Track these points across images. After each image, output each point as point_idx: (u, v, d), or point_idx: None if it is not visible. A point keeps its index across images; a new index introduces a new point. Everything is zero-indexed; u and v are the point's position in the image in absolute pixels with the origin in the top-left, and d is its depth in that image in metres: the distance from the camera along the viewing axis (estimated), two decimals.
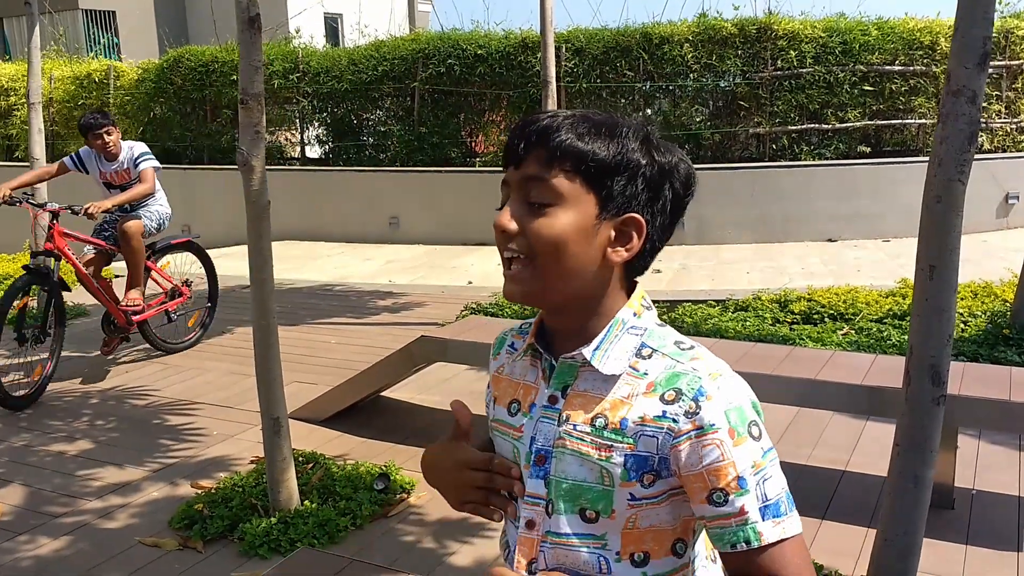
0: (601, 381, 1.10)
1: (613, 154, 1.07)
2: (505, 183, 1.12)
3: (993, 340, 5.21)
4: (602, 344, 1.10)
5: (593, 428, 1.09)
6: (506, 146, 1.11)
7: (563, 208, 1.06)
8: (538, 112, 1.12)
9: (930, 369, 2.40)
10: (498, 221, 1.09)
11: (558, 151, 1.06)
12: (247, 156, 3.09)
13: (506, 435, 1.17)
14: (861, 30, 10.25)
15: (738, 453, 1.03)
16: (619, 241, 1.10)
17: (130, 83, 12.67)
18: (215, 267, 6.40)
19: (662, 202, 1.11)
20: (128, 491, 3.79)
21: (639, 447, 1.06)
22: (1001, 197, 10.00)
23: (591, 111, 1.12)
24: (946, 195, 2.31)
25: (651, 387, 1.07)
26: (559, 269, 1.08)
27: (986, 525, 3.30)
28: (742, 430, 1.03)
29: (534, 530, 1.12)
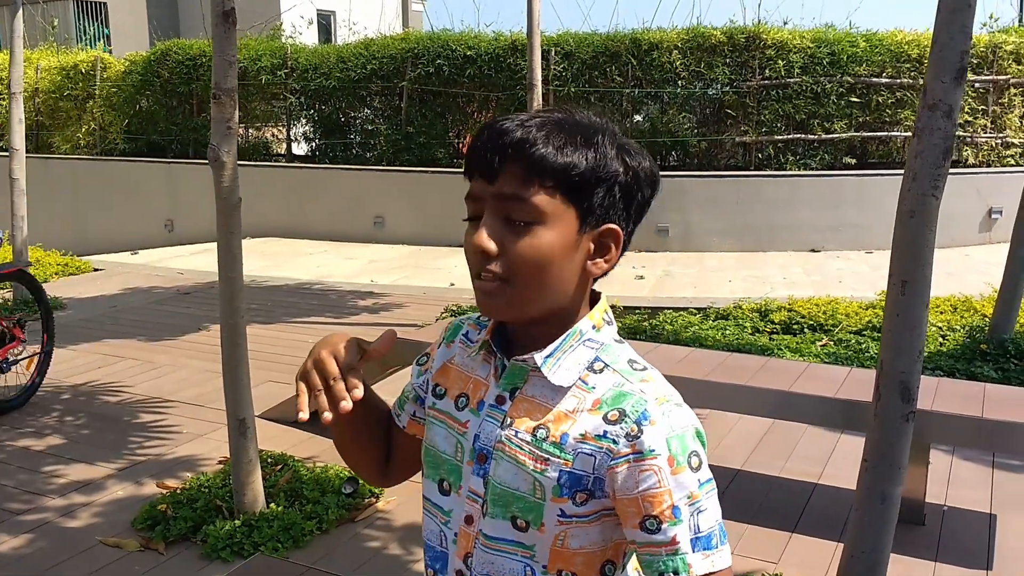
0: (549, 389, 1.08)
1: (593, 166, 1.03)
2: (474, 197, 1.06)
3: (970, 355, 5.21)
4: (555, 352, 1.08)
5: (533, 438, 1.06)
6: (473, 156, 1.05)
7: (545, 226, 1.02)
8: (503, 118, 1.05)
9: (900, 385, 2.38)
10: (476, 242, 1.03)
11: (536, 167, 1.01)
12: (218, 152, 3.04)
13: (451, 428, 1.14)
14: (849, 41, 10.27)
15: (675, 482, 1.00)
16: (598, 253, 1.08)
17: (117, 75, 12.57)
18: (49, 301, 5.21)
19: (634, 207, 1.09)
20: (92, 489, 3.73)
21: (575, 464, 1.04)
22: (984, 211, 10.03)
23: (559, 112, 1.07)
24: (920, 210, 2.29)
25: (596, 404, 1.05)
26: (540, 287, 1.04)
27: (956, 542, 3.29)
28: (682, 459, 1.01)
29: (471, 525, 1.11)
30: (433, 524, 1.17)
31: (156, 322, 6.63)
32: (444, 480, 1.15)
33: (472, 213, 1.07)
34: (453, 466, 1.13)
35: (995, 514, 3.50)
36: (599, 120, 1.09)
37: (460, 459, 1.13)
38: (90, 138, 12.77)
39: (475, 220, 1.06)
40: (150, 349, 5.89)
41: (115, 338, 6.15)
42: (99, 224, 12.24)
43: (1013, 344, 5.19)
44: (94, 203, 12.39)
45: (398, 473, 1.31)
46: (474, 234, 1.04)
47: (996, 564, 3.13)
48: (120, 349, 5.87)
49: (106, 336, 6.19)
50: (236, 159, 3.09)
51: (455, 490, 1.13)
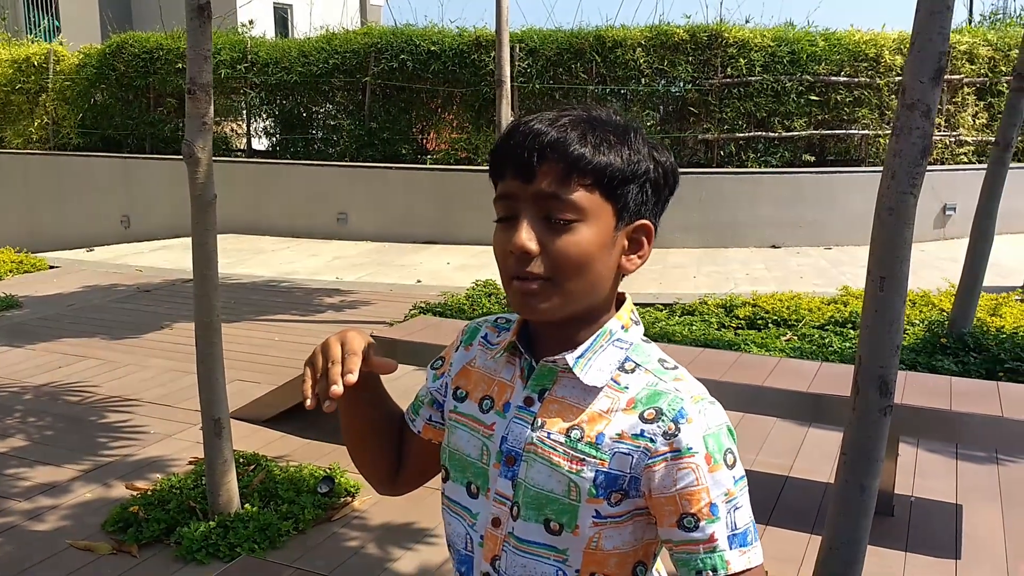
0: (580, 390, 1.07)
1: (628, 163, 1.04)
2: (508, 197, 1.05)
3: (931, 349, 5.33)
4: (586, 353, 1.08)
5: (568, 439, 1.06)
6: (505, 156, 1.04)
7: (586, 224, 1.03)
8: (530, 119, 1.05)
9: (878, 380, 2.42)
10: (517, 242, 1.02)
11: (577, 166, 1.01)
12: (193, 148, 2.99)
13: (475, 431, 1.13)
14: (809, 40, 10.43)
15: (712, 479, 1.01)
16: (632, 249, 1.09)
17: (70, 68, 12.29)
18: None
19: (661, 203, 1.11)
20: (59, 492, 3.65)
21: (612, 464, 1.04)
22: (939, 208, 10.26)
23: (583, 110, 1.07)
24: (898, 207, 2.33)
25: (631, 403, 1.05)
26: (582, 285, 1.04)
27: (925, 532, 3.36)
28: (718, 457, 1.02)
29: (499, 528, 1.10)
30: (460, 527, 1.15)
31: (117, 320, 6.51)
32: (472, 483, 1.14)
33: (505, 213, 1.06)
34: (479, 469, 1.12)
35: (961, 504, 3.59)
36: (625, 118, 1.09)
37: (486, 462, 1.12)
38: (43, 132, 12.48)
39: (506, 221, 1.05)
40: (113, 348, 5.78)
41: (76, 337, 6.02)
42: (52, 220, 11.96)
43: (972, 338, 5.32)
44: (47, 199, 12.11)
45: (409, 481, 1.29)
46: (512, 234, 1.03)
47: (964, 553, 3.21)
48: (81, 348, 5.75)
49: (66, 335, 6.06)
50: (211, 155, 3.04)
51: (483, 493, 1.12)
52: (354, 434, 1.24)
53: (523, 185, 1.03)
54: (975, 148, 11.03)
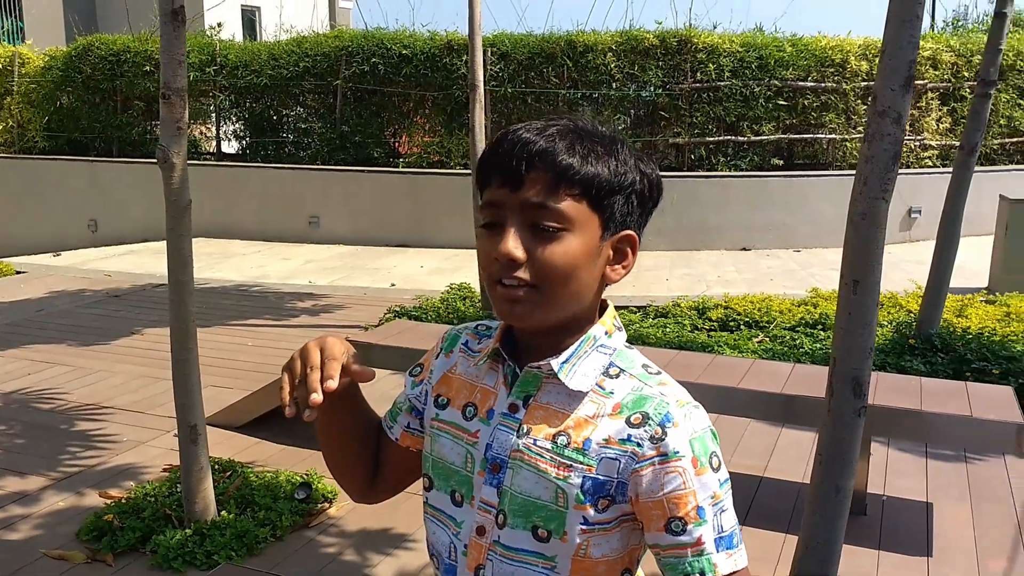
0: (565, 396, 1.08)
1: (615, 175, 1.06)
2: (494, 205, 1.06)
3: (900, 349, 5.42)
4: (571, 358, 1.08)
5: (554, 445, 1.06)
6: (493, 165, 1.06)
7: (572, 233, 1.04)
8: (519, 128, 1.07)
9: (852, 381, 2.47)
10: (503, 250, 1.03)
11: (563, 176, 1.03)
12: (168, 152, 2.97)
13: (458, 439, 1.13)
14: (776, 46, 10.56)
15: (699, 483, 1.03)
16: (616, 259, 1.10)
17: (36, 71, 12.09)
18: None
19: (646, 214, 1.12)
20: (31, 501, 3.60)
21: (599, 470, 1.04)
22: (904, 211, 10.42)
23: (568, 120, 1.09)
24: (870, 212, 2.38)
25: (617, 408, 1.06)
26: (567, 293, 1.06)
27: (897, 531, 3.42)
28: (704, 460, 1.03)
29: (484, 536, 1.10)
30: (444, 535, 1.15)
31: (87, 326, 6.42)
32: (456, 491, 1.13)
33: (489, 220, 1.07)
34: (464, 477, 1.12)
35: (931, 503, 3.66)
36: (612, 130, 1.11)
37: (470, 470, 1.12)
38: (8, 136, 12.27)
39: (492, 227, 1.06)
40: (82, 354, 5.70)
41: (44, 343, 5.93)
42: (18, 225, 11.76)
43: (939, 339, 5.41)
44: (13, 203, 11.90)
45: (386, 489, 1.29)
46: (498, 241, 1.04)
47: (935, 550, 3.27)
48: (50, 355, 5.67)
49: (35, 341, 5.97)
50: (186, 160, 3.02)
51: (467, 501, 1.12)
52: (331, 442, 1.23)
53: (510, 193, 1.04)
54: (939, 152, 11.22)
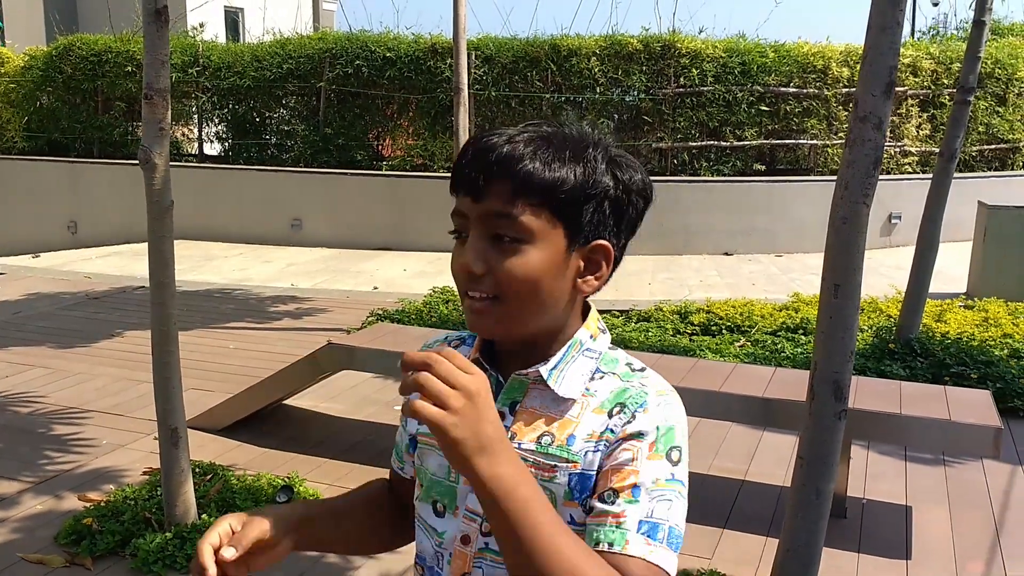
0: (551, 400, 1.07)
1: (581, 182, 1.02)
2: (459, 214, 1.05)
3: (879, 354, 5.46)
4: (559, 364, 1.07)
5: (538, 446, 1.05)
6: (459, 172, 1.04)
7: (533, 244, 1.01)
8: (490, 133, 1.04)
9: (833, 384, 2.48)
10: (462, 263, 1.02)
11: (524, 184, 1.00)
12: (150, 153, 2.95)
13: (437, 449, 1.11)
14: (759, 52, 10.62)
15: (648, 465, 1.00)
16: (588, 270, 1.07)
17: (15, 70, 11.98)
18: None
19: (626, 221, 1.08)
20: (8, 504, 3.56)
21: (583, 465, 1.03)
22: (885, 217, 10.50)
23: (548, 125, 1.06)
24: (851, 216, 2.40)
25: (599, 404, 1.06)
26: (531, 307, 1.04)
27: (877, 534, 3.45)
28: (662, 448, 1.01)
29: (468, 545, 1.08)
30: (428, 545, 1.15)
31: (66, 328, 6.37)
32: (437, 502, 1.13)
33: (456, 228, 1.06)
34: (446, 487, 1.11)
35: (910, 506, 3.69)
36: (590, 132, 1.07)
37: (454, 480, 1.11)
38: None
39: (460, 236, 1.06)
40: (61, 357, 5.65)
41: (22, 345, 5.87)
42: None
43: (919, 343, 5.46)
44: None
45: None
46: (460, 254, 1.04)
47: (914, 553, 3.30)
48: (29, 357, 5.61)
49: (12, 344, 5.91)
50: (168, 161, 3.00)
51: (450, 511, 1.11)
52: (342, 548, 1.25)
53: (472, 203, 1.02)
54: (919, 158, 11.33)
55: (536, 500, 0.92)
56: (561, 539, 0.92)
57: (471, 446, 0.88)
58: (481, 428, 0.88)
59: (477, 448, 0.88)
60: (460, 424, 0.88)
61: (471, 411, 0.88)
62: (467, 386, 0.88)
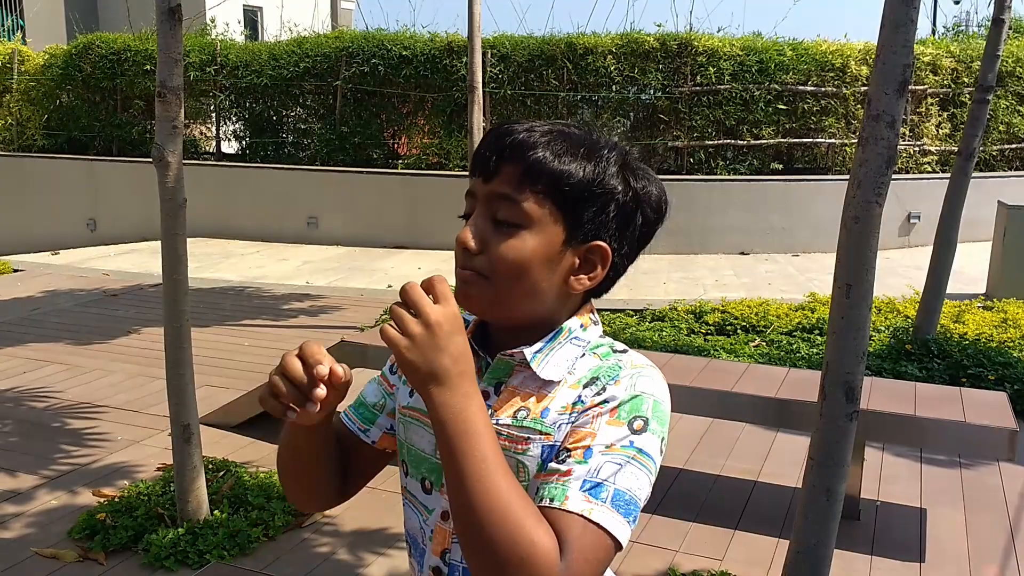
0: (533, 381, 1.08)
1: (589, 179, 1.04)
2: (471, 194, 1.08)
3: (896, 355, 5.42)
4: (544, 348, 1.08)
5: (514, 420, 1.06)
6: (475, 155, 1.07)
7: (530, 231, 1.03)
8: (513, 122, 1.07)
9: (844, 385, 2.46)
10: (461, 237, 1.05)
11: (532, 170, 1.02)
12: (163, 151, 2.97)
13: (428, 426, 1.10)
14: (777, 50, 10.56)
15: (604, 430, 1.00)
16: (582, 269, 1.08)
17: (36, 68, 12.10)
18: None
19: (631, 230, 1.09)
20: (23, 499, 3.59)
21: (557, 437, 1.03)
22: (903, 216, 10.42)
23: (572, 124, 1.08)
24: (864, 216, 2.38)
25: (576, 381, 1.06)
26: (516, 292, 1.05)
27: (891, 536, 3.42)
28: (625, 415, 1.01)
29: (449, 522, 1.09)
30: (416, 520, 1.16)
31: (83, 325, 6.42)
32: (425, 479, 1.14)
33: (467, 210, 1.08)
34: (433, 464, 1.12)
35: (925, 508, 3.65)
36: (613, 138, 1.09)
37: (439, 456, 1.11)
38: (6, 133, 12.27)
39: (467, 218, 1.08)
40: (78, 353, 5.70)
41: (40, 342, 5.93)
42: (16, 223, 11.76)
43: (936, 344, 5.41)
44: (11, 201, 11.91)
45: (351, 492, 1.24)
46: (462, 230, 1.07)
47: (928, 556, 3.27)
48: (46, 353, 5.67)
49: (30, 340, 5.97)
50: (181, 159, 3.02)
51: (436, 488, 1.12)
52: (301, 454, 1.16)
53: (483, 184, 1.06)
54: (938, 157, 11.23)
55: (483, 436, 0.95)
56: (500, 478, 0.93)
57: (423, 372, 0.93)
58: (435, 356, 0.93)
59: (429, 374, 0.93)
60: (412, 348, 0.93)
61: (427, 339, 0.93)
62: (428, 314, 0.93)
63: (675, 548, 3.27)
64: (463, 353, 0.96)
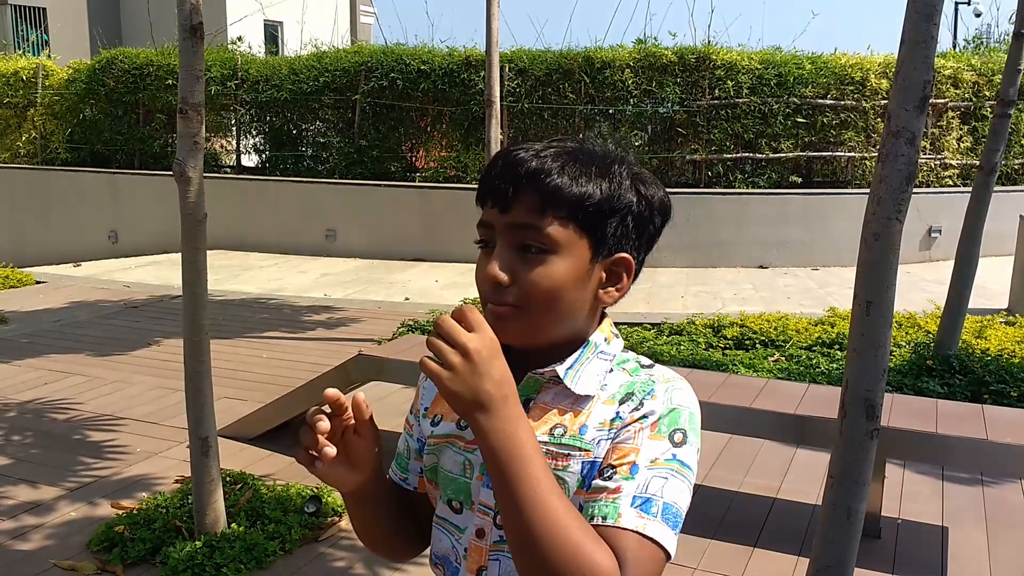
0: (565, 396, 1.09)
1: (607, 197, 1.06)
2: (486, 225, 1.08)
3: (917, 371, 5.36)
4: (575, 364, 1.09)
5: (551, 437, 1.07)
6: (487, 185, 1.07)
7: (559, 256, 1.04)
8: (517, 148, 1.08)
9: (865, 403, 2.44)
10: (489, 272, 1.05)
11: (553, 198, 1.03)
12: (184, 167, 3.00)
13: (456, 447, 1.13)
14: (796, 63, 10.53)
15: (647, 444, 1.02)
16: (610, 281, 1.10)
17: (60, 83, 12.27)
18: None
19: (646, 236, 1.12)
20: (44, 511, 3.62)
21: (596, 453, 1.05)
22: (924, 231, 10.34)
23: (572, 142, 1.10)
24: (884, 233, 2.36)
25: (610, 396, 1.08)
26: (553, 316, 1.07)
27: (912, 555, 3.37)
28: (665, 429, 1.03)
29: (483, 539, 1.10)
30: (447, 541, 1.16)
31: (104, 337, 6.47)
32: (453, 500, 1.14)
33: (483, 239, 1.09)
34: (461, 484, 1.13)
35: (947, 527, 3.61)
36: (614, 149, 1.11)
37: (469, 476, 1.12)
38: (31, 147, 12.44)
39: (485, 246, 1.09)
40: (99, 365, 5.74)
41: (61, 353, 5.98)
42: (38, 235, 11.91)
43: (957, 360, 5.35)
44: (34, 214, 12.07)
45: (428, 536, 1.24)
46: (486, 264, 1.06)
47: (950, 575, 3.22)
48: (67, 365, 5.72)
49: (52, 351, 6.02)
50: (202, 174, 3.04)
51: (467, 507, 1.13)
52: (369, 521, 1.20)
53: (500, 214, 1.06)
54: (960, 171, 11.14)
55: (533, 460, 0.96)
56: (555, 500, 0.95)
57: (468, 400, 0.94)
58: (478, 384, 0.94)
59: (474, 403, 0.94)
60: (455, 379, 0.94)
61: (467, 367, 0.94)
62: (465, 344, 0.94)
63: (693, 565, 3.24)
64: (505, 377, 0.97)
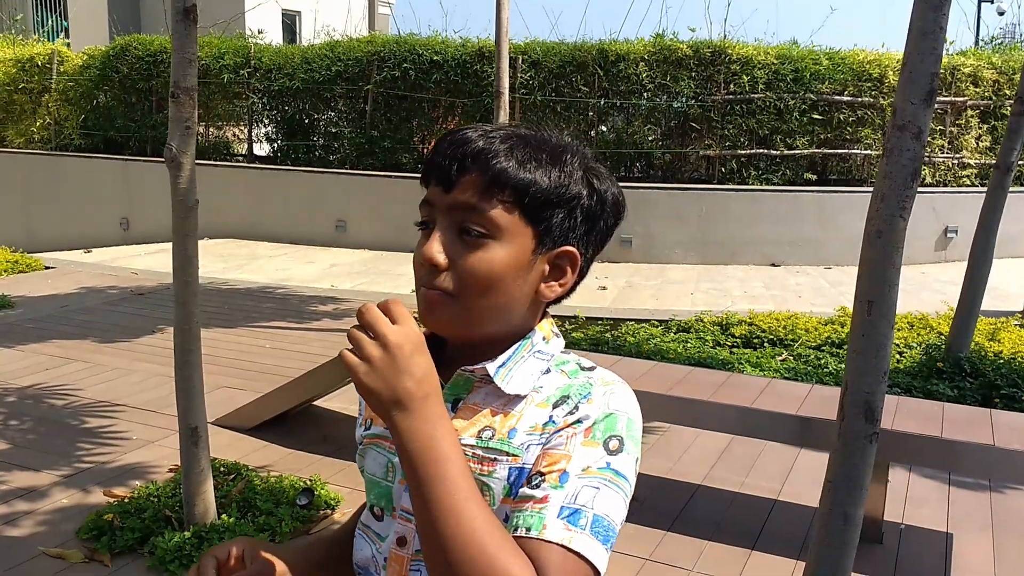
0: (496, 397, 1.02)
1: (556, 185, 1.00)
2: (428, 203, 1.02)
3: (927, 373, 5.27)
4: (507, 363, 1.03)
5: (479, 440, 1.00)
6: (431, 163, 1.02)
7: (500, 242, 0.99)
8: (466, 127, 1.02)
9: (864, 405, 2.37)
10: (425, 253, 0.99)
11: (498, 180, 0.98)
12: (176, 152, 2.95)
13: (380, 448, 1.08)
14: (812, 59, 10.40)
15: (580, 452, 0.96)
16: (553, 275, 1.04)
17: (74, 69, 12.30)
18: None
19: (596, 233, 1.06)
20: (36, 497, 3.59)
21: (525, 459, 0.98)
22: (940, 230, 10.20)
23: (526, 127, 1.04)
24: (887, 230, 2.29)
25: (544, 398, 1.01)
26: (488, 306, 1.00)
27: (914, 561, 3.30)
28: (599, 435, 0.97)
29: (405, 548, 1.04)
30: (367, 549, 1.10)
31: (109, 323, 6.46)
32: (375, 505, 1.08)
33: (423, 219, 1.03)
34: (384, 488, 1.07)
35: (951, 533, 3.52)
36: (568, 139, 1.05)
37: (391, 479, 1.06)
38: (45, 132, 12.48)
39: (426, 227, 1.03)
40: (102, 351, 5.73)
41: (66, 339, 5.97)
42: (51, 221, 11.95)
43: (969, 362, 5.26)
44: (46, 199, 12.10)
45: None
46: (424, 244, 1.00)
47: None
48: (70, 351, 5.70)
49: (56, 337, 6.02)
50: (194, 160, 3.00)
51: (388, 514, 1.07)
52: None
53: (443, 194, 1.00)
54: (978, 171, 10.98)
55: (452, 462, 0.89)
56: (474, 508, 0.88)
57: (386, 397, 0.88)
58: (397, 381, 0.88)
59: (391, 401, 0.88)
60: (371, 373, 0.88)
61: (386, 361, 0.88)
62: (386, 335, 0.88)
63: (689, 567, 3.18)
64: (427, 374, 0.91)
